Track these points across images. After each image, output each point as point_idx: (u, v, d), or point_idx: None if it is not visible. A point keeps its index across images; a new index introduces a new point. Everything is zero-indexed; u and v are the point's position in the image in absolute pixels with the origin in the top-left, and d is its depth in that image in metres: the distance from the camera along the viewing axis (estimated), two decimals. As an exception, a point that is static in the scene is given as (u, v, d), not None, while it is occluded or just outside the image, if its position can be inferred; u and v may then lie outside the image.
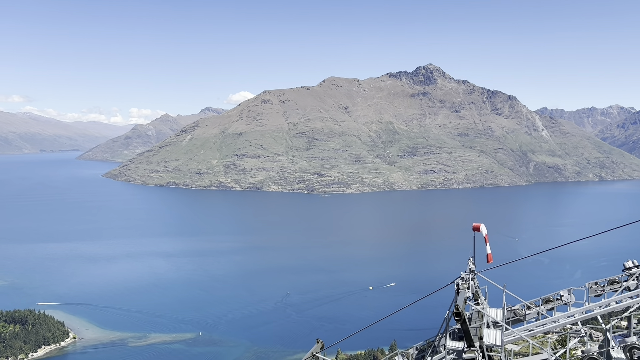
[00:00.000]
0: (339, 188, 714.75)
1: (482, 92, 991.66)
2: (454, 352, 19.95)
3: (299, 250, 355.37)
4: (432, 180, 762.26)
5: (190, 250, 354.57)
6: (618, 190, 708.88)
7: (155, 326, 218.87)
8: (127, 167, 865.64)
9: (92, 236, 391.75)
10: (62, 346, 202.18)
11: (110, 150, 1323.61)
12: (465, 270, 21.53)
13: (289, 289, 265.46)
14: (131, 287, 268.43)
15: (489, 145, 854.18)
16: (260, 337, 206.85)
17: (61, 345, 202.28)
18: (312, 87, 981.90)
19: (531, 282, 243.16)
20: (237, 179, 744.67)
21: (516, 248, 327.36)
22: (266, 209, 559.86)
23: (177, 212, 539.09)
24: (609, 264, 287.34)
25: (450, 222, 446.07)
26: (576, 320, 21.84)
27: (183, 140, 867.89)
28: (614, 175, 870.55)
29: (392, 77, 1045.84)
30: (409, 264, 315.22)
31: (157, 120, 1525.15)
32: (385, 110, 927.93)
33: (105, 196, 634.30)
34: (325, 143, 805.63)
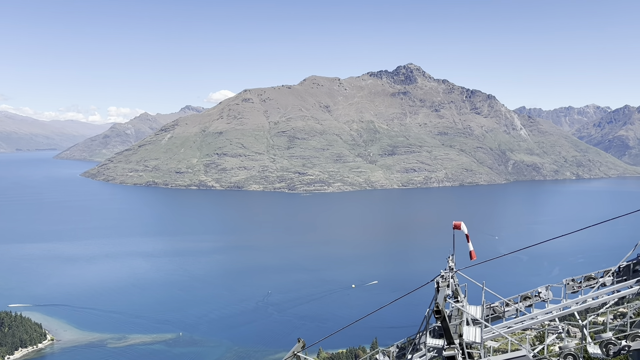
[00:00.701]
0: (321, 187, 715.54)
1: (462, 92, 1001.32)
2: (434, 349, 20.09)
3: (280, 249, 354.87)
4: (412, 178, 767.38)
5: (171, 250, 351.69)
6: (594, 189, 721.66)
7: (135, 327, 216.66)
8: (105, 167, 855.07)
9: (70, 236, 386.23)
10: (39, 348, 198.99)
11: (88, 150, 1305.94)
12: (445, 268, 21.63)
13: (270, 288, 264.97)
14: (110, 287, 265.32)
15: (469, 144, 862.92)
16: (242, 337, 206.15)
17: (38, 348, 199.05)
18: (293, 85, 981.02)
19: (511, 280, 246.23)
20: (217, 178, 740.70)
21: (496, 246, 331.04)
22: (247, 208, 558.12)
23: (156, 212, 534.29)
24: (586, 260, 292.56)
25: (431, 221, 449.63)
26: (554, 316, 22.04)
27: (163, 139, 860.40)
28: (590, 174, 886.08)
29: (372, 76, 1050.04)
30: (390, 262, 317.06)
31: (136, 118, 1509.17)
32: (366, 109, 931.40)
33: (84, 196, 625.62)
34: (307, 142, 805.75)
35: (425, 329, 21.06)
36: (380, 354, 22.97)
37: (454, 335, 19.17)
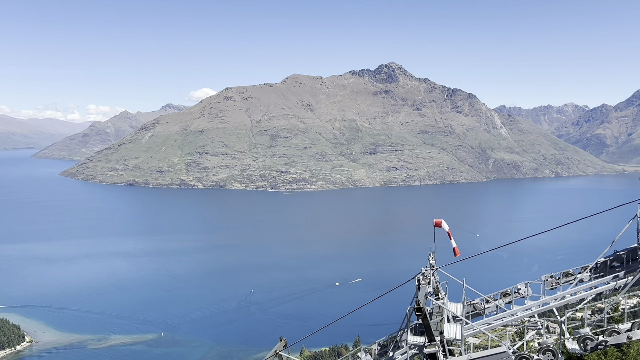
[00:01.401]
0: (303, 185, 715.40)
1: (443, 91, 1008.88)
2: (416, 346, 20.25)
3: (263, 248, 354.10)
4: (394, 177, 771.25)
5: (151, 250, 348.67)
6: (573, 186, 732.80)
7: (116, 327, 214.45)
8: (85, 166, 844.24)
9: (48, 236, 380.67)
10: (17, 350, 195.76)
11: (67, 148, 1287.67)
12: (427, 266, 21.73)
13: (252, 288, 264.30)
14: (90, 288, 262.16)
15: (450, 143, 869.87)
16: (224, 336, 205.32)
17: (17, 350, 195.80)
18: (276, 84, 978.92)
19: (491, 276, 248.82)
20: (199, 177, 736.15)
21: (477, 243, 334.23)
22: (229, 208, 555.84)
23: (137, 211, 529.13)
24: (565, 257, 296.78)
25: (413, 219, 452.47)
26: (533, 312, 22.26)
27: (143, 137, 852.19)
28: (569, 172, 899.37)
29: (355, 75, 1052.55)
30: (374, 260, 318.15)
31: (116, 117, 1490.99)
32: (349, 108, 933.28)
33: (63, 195, 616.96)
34: (289, 140, 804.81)
35: (407, 326, 21.17)
36: (362, 352, 23.03)
37: (435, 333, 19.30)
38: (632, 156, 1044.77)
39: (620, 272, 22.37)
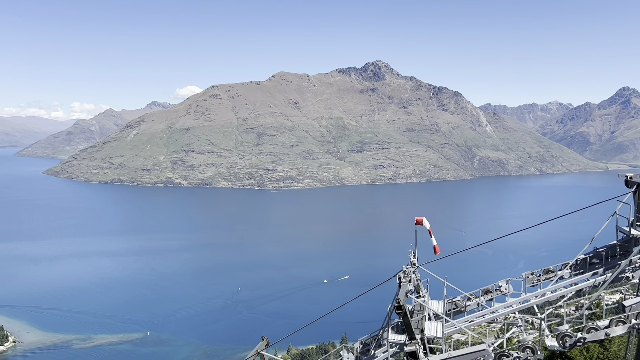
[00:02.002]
0: (290, 184, 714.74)
1: (429, 89, 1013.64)
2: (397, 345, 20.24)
3: (250, 246, 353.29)
4: (381, 175, 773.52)
5: (137, 249, 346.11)
6: (557, 184, 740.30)
7: (101, 327, 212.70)
8: (69, 164, 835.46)
9: (32, 236, 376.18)
10: (0, 351, 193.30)
11: (51, 146, 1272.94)
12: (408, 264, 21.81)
13: (239, 286, 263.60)
14: (75, 287, 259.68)
15: (436, 141, 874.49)
16: (210, 335, 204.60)
17: (0, 350, 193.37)
18: (262, 82, 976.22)
19: (477, 273, 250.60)
20: (185, 175, 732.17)
21: (463, 241, 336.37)
22: (216, 206, 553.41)
23: (122, 210, 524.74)
24: (549, 253, 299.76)
25: (400, 216, 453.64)
26: (514, 310, 22.35)
27: (128, 135, 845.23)
28: (553, 169, 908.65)
29: (341, 72, 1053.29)
30: (361, 258, 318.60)
31: (100, 115, 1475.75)
32: (335, 106, 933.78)
33: (47, 194, 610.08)
34: (276, 138, 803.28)
35: (387, 324, 21.20)
36: (344, 350, 22.88)
37: (416, 331, 19.30)
38: (615, 154, 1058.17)
39: (599, 268, 22.55)
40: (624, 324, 18.55)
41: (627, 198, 22.11)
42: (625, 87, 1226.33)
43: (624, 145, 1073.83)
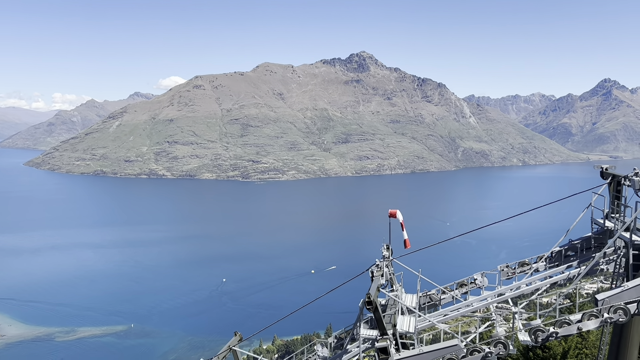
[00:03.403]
0: (275, 175, 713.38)
1: (413, 80, 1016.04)
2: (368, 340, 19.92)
3: (235, 238, 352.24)
4: (365, 166, 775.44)
5: (120, 241, 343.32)
6: (539, 174, 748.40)
7: (84, 320, 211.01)
8: (50, 155, 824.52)
9: (13, 228, 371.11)
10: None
11: (32, 138, 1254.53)
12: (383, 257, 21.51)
13: (224, 278, 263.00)
14: (57, 280, 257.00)
15: (420, 132, 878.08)
16: (195, 327, 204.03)
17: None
18: (246, 72, 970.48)
19: (460, 263, 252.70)
20: (168, 167, 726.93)
21: (447, 232, 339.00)
22: (200, 198, 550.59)
23: (105, 202, 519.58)
24: (531, 244, 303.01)
25: (385, 207, 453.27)
26: (488, 303, 22.05)
27: (111, 126, 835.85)
28: (535, 160, 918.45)
29: (326, 63, 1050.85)
30: (348, 248, 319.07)
31: (82, 105, 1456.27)
32: (320, 97, 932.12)
33: (28, 186, 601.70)
34: (260, 130, 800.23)
35: (359, 319, 20.93)
36: (318, 344, 22.45)
37: (388, 326, 19.16)
38: (596, 145, 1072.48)
39: (574, 261, 22.52)
40: (596, 318, 18.38)
41: (602, 190, 22.07)
42: (607, 79, 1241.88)
43: (605, 136, 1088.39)
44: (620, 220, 21.17)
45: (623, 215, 21.21)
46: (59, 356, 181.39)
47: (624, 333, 20.53)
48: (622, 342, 20.64)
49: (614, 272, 21.25)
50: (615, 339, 21.10)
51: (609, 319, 18.07)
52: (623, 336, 20.57)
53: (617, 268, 21.09)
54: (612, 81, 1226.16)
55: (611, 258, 21.62)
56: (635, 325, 20.34)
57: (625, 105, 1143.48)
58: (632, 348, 20.51)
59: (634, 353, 20.59)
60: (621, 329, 20.58)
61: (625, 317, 17.96)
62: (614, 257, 21.38)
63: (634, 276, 19.30)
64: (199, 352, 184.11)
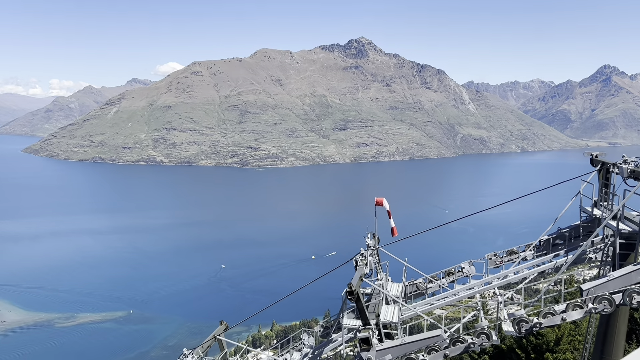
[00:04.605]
0: (274, 162, 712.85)
1: (412, 66, 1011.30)
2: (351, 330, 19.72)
3: (234, 225, 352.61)
4: (364, 153, 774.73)
5: (119, 227, 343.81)
6: (538, 161, 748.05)
7: (84, 306, 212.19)
8: (48, 142, 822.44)
9: (12, 214, 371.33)
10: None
11: (29, 124, 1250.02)
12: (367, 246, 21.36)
13: (223, 264, 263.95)
14: (56, 266, 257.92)
15: (419, 119, 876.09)
16: (194, 313, 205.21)
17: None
18: (244, 58, 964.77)
19: (459, 248, 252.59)
20: (167, 154, 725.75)
21: (445, 218, 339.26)
22: (199, 184, 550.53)
23: (104, 189, 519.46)
24: (529, 230, 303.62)
25: (384, 194, 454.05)
26: (475, 292, 21.82)
27: (108, 113, 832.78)
28: (534, 147, 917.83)
29: (324, 49, 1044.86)
30: (347, 234, 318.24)
31: (80, 92, 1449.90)
32: (319, 84, 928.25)
33: (26, 172, 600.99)
34: (259, 116, 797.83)
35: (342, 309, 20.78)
36: (304, 333, 22.36)
37: (371, 315, 18.93)
38: (595, 131, 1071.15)
39: (561, 250, 22.29)
40: (580, 308, 18.05)
41: (591, 177, 21.80)
42: (607, 65, 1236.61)
43: (604, 122, 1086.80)
44: (608, 208, 21.05)
45: (611, 204, 21.10)
46: (59, 342, 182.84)
47: (610, 323, 20.40)
48: (608, 332, 20.52)
49: (601, 261, 21.12)
50: (602, 328, 20.97)
51: (593, 309, 17.74)
52: (610, 326, 20.43)
53: (604, 257, 20.94)
54: (612, 67, 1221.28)
55: (599, 247, 21.50)
56: (622, 315, 20.25)
57: (624, 91, 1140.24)
58: (618, 338, 20.43)
59: (621, 343, 20.53)
60: (608, 318, 20.42)
61: (610, 308, 17.65)
62: (601, 245, 21.22)
63: (620, 265, 18.95)
64: (198, 337, 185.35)
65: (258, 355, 21.84)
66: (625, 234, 19.59)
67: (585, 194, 22.35)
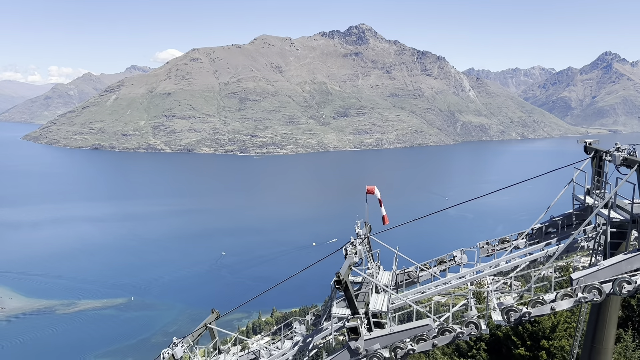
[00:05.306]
0: (273, 149, 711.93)
1: (413, 53, 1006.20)
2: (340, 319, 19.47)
3: (234, 212, 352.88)
4: (364, 140, 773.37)
5: (120, 214, 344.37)
6: (538, 148, 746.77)
7: (85, 292, 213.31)
8: (48, 129, 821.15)
9: (13, 202, 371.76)
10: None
11: (28, 111, 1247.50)
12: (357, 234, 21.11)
13: (223, 251, 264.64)
14: (57, 253, 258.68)
15: (419, 106, 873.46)
16: (194, 300, 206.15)
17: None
18: (244, 45, 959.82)
19: (458, 236, 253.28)
20: (166, 141, 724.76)
21: (445, 206, 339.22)
22: (199, 172, 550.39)
23: (104, 176, 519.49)
24: (529, 217, 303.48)
25: (384, 181, 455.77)
26: (466, 281, 21.56)
27: (108, 100, 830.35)
28: (535, 134, 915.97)
29: (324, 36, 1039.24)
30: (348, 221, 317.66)
31: (79, 79, 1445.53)
32: (319, 70, 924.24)
33: (26, 159, 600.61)
34: (258, 104, 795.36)
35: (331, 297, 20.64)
36: (295, 322, 22.15)
37: (360, 304, 18.71)
38: (595, 118, 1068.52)
39: (554, 238, 22.02)
40: (570, 297, 17.76)
41: (585, 165, 21.52)
42: (608, 51, 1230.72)
43: (604, 110, 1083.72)
44: (600, 196, 20.82)
45: (603, 192, 20.89)
46: (60, 328, 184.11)
47: (601, 312, 20.32)
48: (599, 321, 20.48)
49: (592, 249, 20.93)
50: (593, 317, 20.91)
51: (583, 298, 17.55)
52: (601, 315, 20.39)
53: (595, 246, 20.71)
54: (613, 54, 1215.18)
55: (590, 236, 21.36)
56: (613, 304, 20.19)
57: (625, 78, 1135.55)
58: (609, 327, 20.39)
59: (612, 331, 20.50)
60: (599, 307, 20.33)
61: (599, 297, 17.45)
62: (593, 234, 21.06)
63: (611, 254, 18.66)
64: (198, 324, 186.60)
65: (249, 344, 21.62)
66: (616, 223, 19.31)
67: (579, 182, 22.04)
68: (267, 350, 21.88)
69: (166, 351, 20.68)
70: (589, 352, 21.05)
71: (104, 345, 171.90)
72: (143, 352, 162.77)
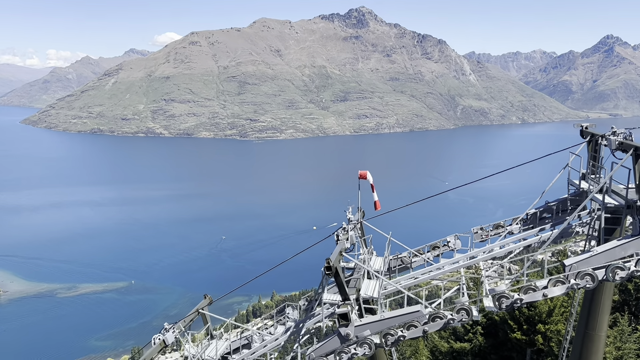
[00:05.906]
0: (273, 134, 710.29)
1: (413, 36, 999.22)
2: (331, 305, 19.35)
3: (234, 197, 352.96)
4: (364, 125, 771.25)
5: (119, 198, 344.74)
6: (538, 132, 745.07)
7: (85, 276, 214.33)
8: (47, 113, 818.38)
9: (12, 186, 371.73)
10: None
11: (27, 95, 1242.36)
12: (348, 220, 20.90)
13: (223, 235, 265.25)
14: (57, 237, 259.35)
15: (419, 90, 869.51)
16: (194, 283, 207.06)
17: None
18: (243, 28, 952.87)
19: (457, 220, 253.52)
20: (166, 125, 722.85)
21: (444, 190, 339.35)
22: (198, 156, 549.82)
23: (104, 160, 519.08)
24: (528, 201, 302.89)
25: (383, 165, 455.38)
26: (460, 266, 21.35)
27: (106, 84, 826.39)
28: (535, 118, 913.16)
29: (324, 19, 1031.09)
30: (347, 206, 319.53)
31: (77, 62, 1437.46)
32: (318, 54, 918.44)
33: (25, 143, 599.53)
34: (258, 87, 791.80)
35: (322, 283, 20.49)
36: (288, 307, 22.22)
37: (351, 290, 18.56)
38: (596, 102, 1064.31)
39: (548, 224, 21.75)
40: (562, 284, 17.55)
41: (580, 150, 21.22)
42: (609, 35, 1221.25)
43: (605, 94, 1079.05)
44: (596, 181, 20.61)
45: (598, 177, 20.69)
46: (61, 312, 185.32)
47: (595, 298, 20.21)
48: (592, 307, 20.40)
49: (587, 235, 20.73)
50: (587, 303, 20.81)
51: (575, 285, 17.36)
52: (594, 301, 20.28)
53: (590, 231, 20.47)
54: (615, 37, 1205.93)
55: (585, 221, 21.21)
56: (607, 290, 20.08)
57: (627, 62, 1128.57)
58: (602, 313, 20.34)
59: (605, 318, 20.48)
60: (592, 293, 20.19)
61: (592, 284, 17.29)
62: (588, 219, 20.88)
63: (606, 240, 18.41)
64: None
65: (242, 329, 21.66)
66: (611, 208, 19.03)
67: (575, 167, 21.81)
68: (259, 336, 21.91)
69: (157, 337, 20.66)
70: (582, 337, 21.06)
71: (105, 328, 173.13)
72: (144, 335, 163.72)
